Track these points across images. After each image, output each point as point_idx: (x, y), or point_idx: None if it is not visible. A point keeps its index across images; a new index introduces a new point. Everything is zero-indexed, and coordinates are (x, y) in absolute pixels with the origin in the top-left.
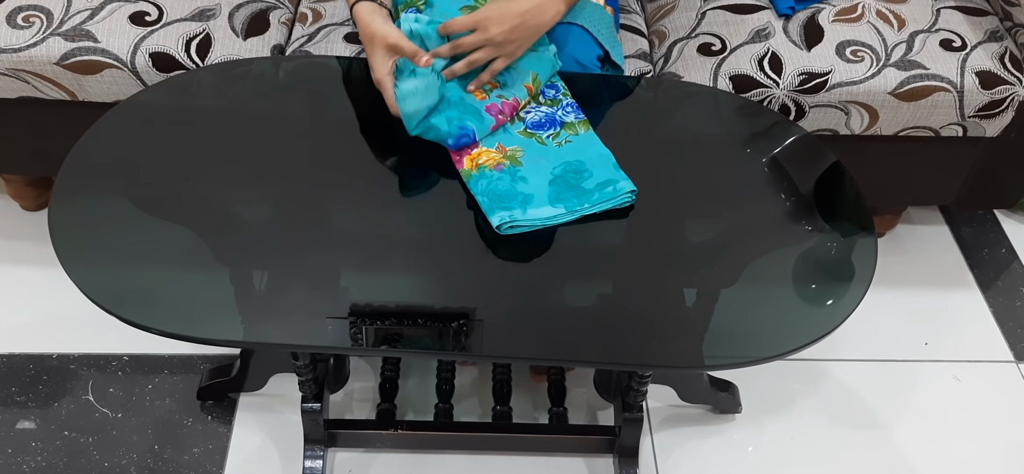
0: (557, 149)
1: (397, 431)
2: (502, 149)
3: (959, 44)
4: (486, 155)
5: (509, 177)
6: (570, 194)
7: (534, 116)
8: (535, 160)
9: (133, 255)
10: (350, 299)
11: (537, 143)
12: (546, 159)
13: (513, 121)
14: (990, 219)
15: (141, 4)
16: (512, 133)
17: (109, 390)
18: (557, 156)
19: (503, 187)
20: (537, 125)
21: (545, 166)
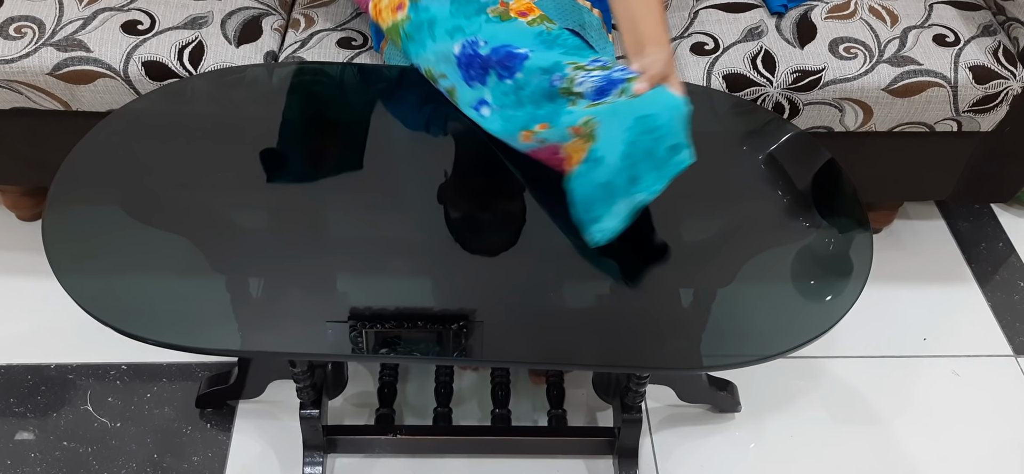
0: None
1: (396, 436)
2: (585, 127)
3: (952, 39)
4: (576, 150)
5: (588, 167)
6: (647, 166)
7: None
8: (614, 120)
9: (128, 264)
10: (347, 305)
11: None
12: (619, 114)
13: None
14: (987, 213)
15: (133, 13)
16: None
17: (108, 399)
18: (629, 112)
19: (584, 189)
20: (601, 91)
21: (622, 123)
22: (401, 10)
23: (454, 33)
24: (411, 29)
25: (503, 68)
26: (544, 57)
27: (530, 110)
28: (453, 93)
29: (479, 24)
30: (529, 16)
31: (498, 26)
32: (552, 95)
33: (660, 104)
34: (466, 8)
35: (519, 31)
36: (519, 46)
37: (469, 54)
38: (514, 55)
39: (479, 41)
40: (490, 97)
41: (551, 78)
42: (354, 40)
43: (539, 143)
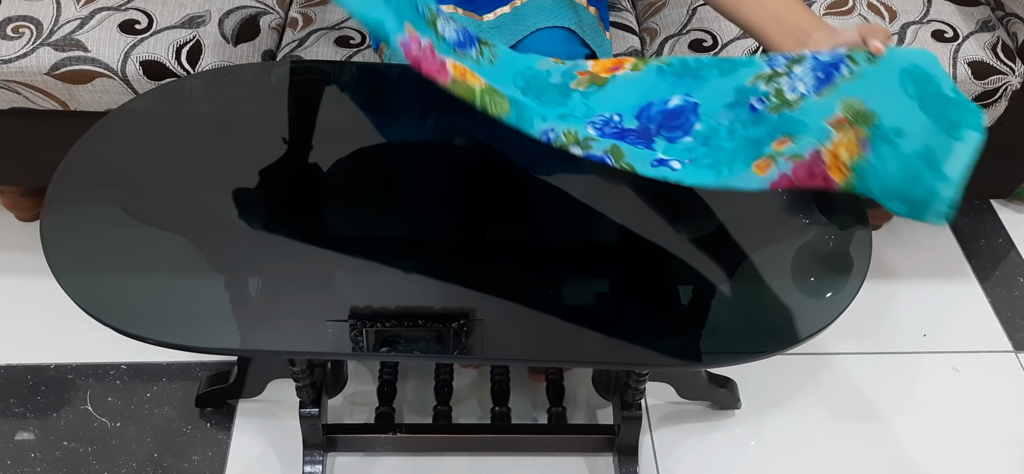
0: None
1: (396, 434)
2: (848, 113)
3: (951, 35)
4: (845, 146)
5: (886, 149)
6: (948, 109)
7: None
8: (878, 89)
9: (127, 264)
10: (346, 303)
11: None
12: (878, 81)
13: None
14: (986, 209)
15: (131, 12)
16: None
17: (107, 399)
18: (890, 70)
19: (897, 173)
20: (823, 82)
21: (889, 87)
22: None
23: (568, 119)
24: (515, 98)
25: (669, 131)
26: (718, 91)
27: (747, 139)
28: (617, 155)
29: (577, 103)
30: (624, 65)
31: (606, 95)
32: (761, 119)
33: (909, 55)
34: (551, 96)
35: (636, 84)
36: (663, 98)
37: (614, 132)
38: (672, 113)
39: (612, 117)
40: (670, 155)
41: (749, 104)
42: (352, 39)
43: (787, 164)
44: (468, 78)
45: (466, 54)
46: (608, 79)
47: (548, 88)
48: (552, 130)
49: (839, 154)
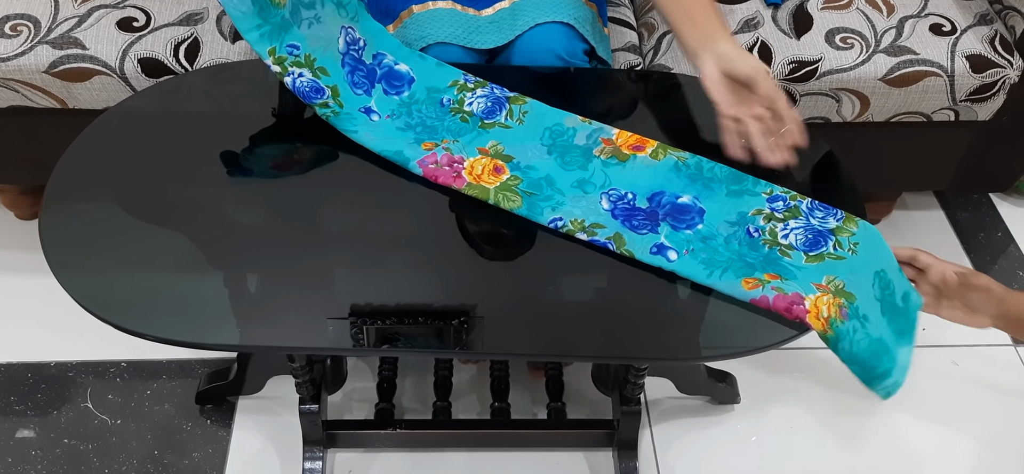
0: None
1: (396, 430)
2: (830, 285)
3: (949, 28)
4: (826, 304)
5: (857, 324)
6: (896, 316)
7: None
8: (856, 278)
9: (126, 261)
10: (345, 299)
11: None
12: (857, 272)
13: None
14: (985, 203)
15: (128, 10)
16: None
17: (108, 397)
18: (866, 269)
19: (864, 346)
20: (813, 244)
21: (865, 281)
22: (502, 173)
23: (585, 186)
24: (529, 187)
25: (675, 220)
26: (723, 207)
27: (741, 257)
28: (619, 242)
29: (597, 169)
30: (646, 147)
31: (625, 172)
32: (755, 245)
33: (881, 254)
34: (574, 158)
35: (653, 172)
36: (675, 192)
37: (626, 209)
38: (681, 208)
39: (626, 195)
40: (671, 243)
41: (746, 229)
42: None
43: (772, 292)
44: (483, 180)
45: (495, 121)
46: (629, 157)
47: (572, 149)
48: (560, 219)
49: (820, 308)
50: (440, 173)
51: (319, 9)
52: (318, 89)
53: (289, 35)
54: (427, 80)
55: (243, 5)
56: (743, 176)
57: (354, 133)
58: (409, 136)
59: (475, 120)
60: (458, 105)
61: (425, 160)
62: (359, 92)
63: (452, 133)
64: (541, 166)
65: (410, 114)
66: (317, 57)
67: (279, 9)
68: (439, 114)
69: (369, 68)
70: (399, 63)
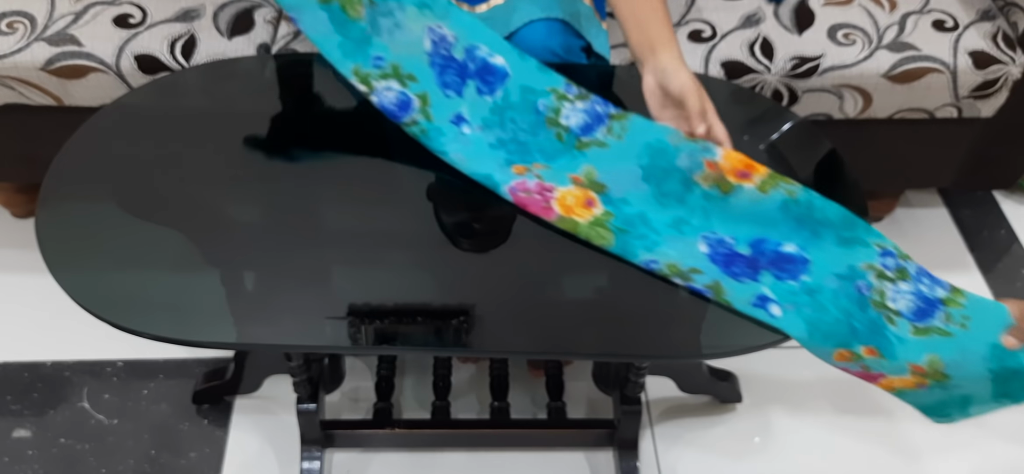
0: None
1: (394, 430)
2: (928, 367)
3: (951, 24)
4: (904, 382)
5: (938, 391)
6: (1012, 385)
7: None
8: (963, 358)
9: (123, 259)
10: (343, 297)
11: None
12: (966, 350)
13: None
14: (989, 200)
15: (124, 7)
16: None
17: (104, 396)
18: (977, 341)
19: (936, 398)
20: (922, 313)
21: (974, 358)
22: (594, 206)
23: (682, 226)
24: (622, 224)
25: (778, 270)
26: (832, 257)
27: (847, 320)
28: (718, 291)
29: (697, 204)
30: (753, 176)
31: (727, 208)
32: (864, 304)
33: (995, 320)
34: (672, 187)
35: (758, 212)
36: (779, 240)
37: (725, 254)
38: (785, 257)
39: (725, 239)
40: (775, 294)
41: (856, 285)
42: None
43: (860, 367)
44: (574, 213)
45: (593, 138)
46: (734, 188)
47: (672, 172)
48: (655, 261)
49: (895, 383)
50: (530, 202)
51: (399, 14)
52: (405, 103)
53: (372, 47)
54: (523, 78)
55: (321, 25)
56: (855, 220)
57: (443, 153)
58: (500, 156)
59: (571, 138)
60: (554, 116)
61: (515, 187)
62: (450, 94)
63: (545, 154)
64: (635, 200)
65: (502, 126)
66: (403, 63)
67: (358, 22)
68: (533, 126)
69: (460, 64)
70: (494, 55)
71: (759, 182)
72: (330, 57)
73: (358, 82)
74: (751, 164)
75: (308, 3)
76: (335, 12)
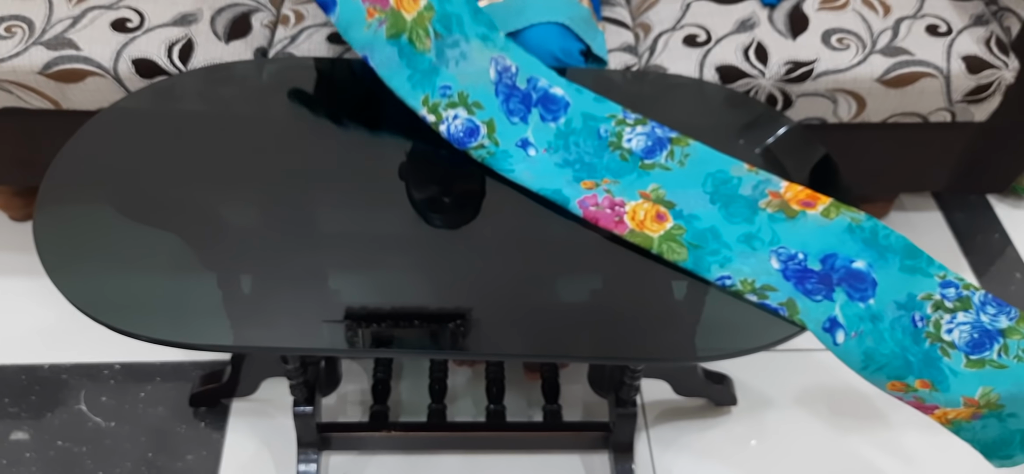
0: None
1: (390, 433)
2: (982, 399)
3: (945, 29)
4: (959, 413)
5: (993, 422)
6: None
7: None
8: (1018, 389)
9: (120, 262)
10: (339, 301)
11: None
12: (1021, 381)
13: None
14: (983, 204)
15: (122, 11)
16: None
17: (101, 399)
18: None
19: (994, 434)
20: (977, 346)
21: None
22: (665, 221)
23: (753, 241)
24: (694, 238)
25: (851, 287)
26: (895, 283)
27: (895, 352)
28: (792, 309)
29: (764, 225)
30: (817, 205)
31: (794, 229)
32: (918, 337)
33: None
34: (738, 209)
35: (825, 232)
36: (849, 255)
37: (797, 270)
38: (856, 274)
39: (797, 254)
40: (844, 319)
41: (912, 316)
42: None
43: (914, 398)
44: (646, 227)
45: (655, 161)
46: (798, 214)
47: (736, 199)
48: (729, 277)
49: (950, 415)
50: (601, 216)
51: (464, 45)
52: (473, 130)
53: (439, 76)
54: (583, 107)
55: (391, 61)
56: (919, 251)
57: (511, 172)
58: (568, 173)
59: (635, 159)
60: (616, 140)
61: (585, 201)
62: (515, 120)
63: (611, 172)
64: (705, 216)
65: (567, 148)
66: (470, 92)
67: (425, 55)
68: (597, 149)
69: (524, 93)
70: (553, 86)
71: (822, 209)
72: (400, 91)
73: (427, 112)
74: (814, 195)
75: (378, 40)
76: (404, 46)
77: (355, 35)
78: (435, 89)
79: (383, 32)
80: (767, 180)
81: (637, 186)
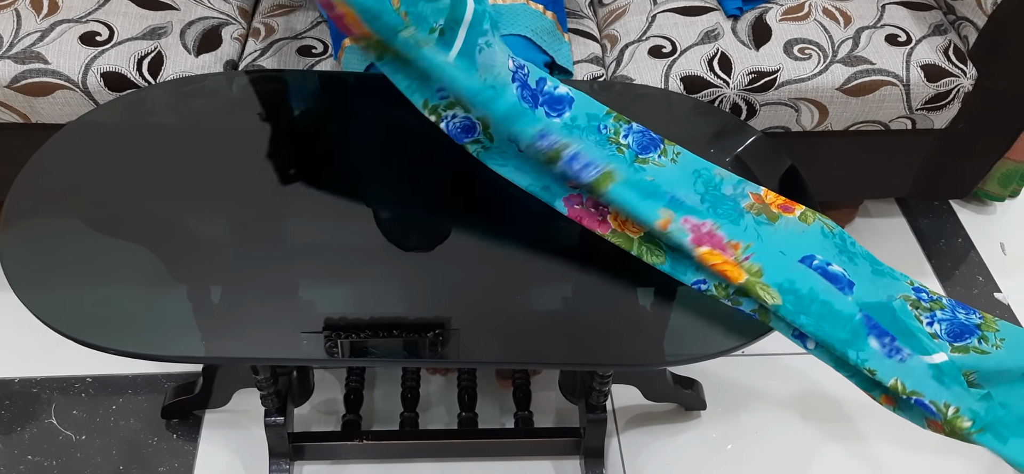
0: None
1: (363, 442)
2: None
3: (904, 38)
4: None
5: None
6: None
7: None
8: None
9: (89, 276)
10: (311, 311)
11: None
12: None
13: None
14: (946, 209)
15: (91, 24)
16: None
17: (73, 412)
18: (1013, 361)
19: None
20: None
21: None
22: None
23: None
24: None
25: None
26: (870, 285)
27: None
28: (764, 315)
29: (750, 226)
30: (794, 209)
31: (776, 233)
32: (910, 334)
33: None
34: (726, 211)
35: (804, 237)
36: (826, 259)
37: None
38: (832, 276)
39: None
40: None
41: (893, 307)
42: (314, 48)
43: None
44: (627, 228)
45: (649, 157)
46: (778, 217)
47: (723, 200)
48: (704, 282)
49: (957, 426)
50: (585, 215)
51: (494, 44)
52: (470, 127)
53: (433, 82)
54: (586, 107)
55: (395, 75)
56: (882, 266)
57: (503, 167)
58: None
59: (631, 154)
60: (615, 136)
61: (571, 199)
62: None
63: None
64: (686, 199)
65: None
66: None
67: (417, 63)
68: (598, 143)
69: (533, 90)
70: (558, 88)
71: (799, 214)
72: (409, 96)
73: (429, 114)
74: (790, 201)
75: (384, 61)
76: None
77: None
78: (433, 94)
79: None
80: (745, 182)
81: (615, 207)
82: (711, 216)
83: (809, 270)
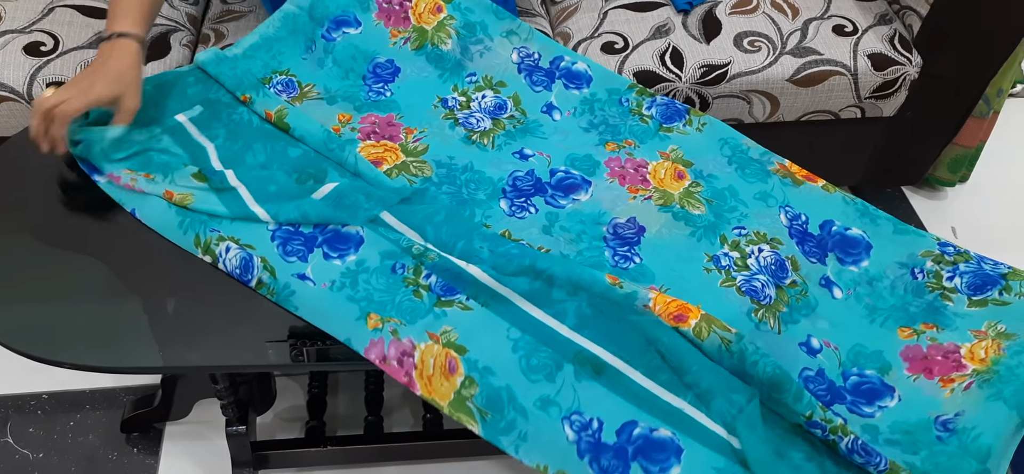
0: None
1: (327, 447)
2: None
3: (851, 29)
4: (985, 347)
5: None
6: None
7: None
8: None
9: (40, 290)
10: (266, 317)
11: None
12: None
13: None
14: (899, 196)
15: (36, 35)
16: None
17: (29, 430)
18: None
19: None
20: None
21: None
22: (684, 179)
23: (767, 198)
24: (712, 195)
25: (843, 253)
26: (892, 245)
27: (904, 304)
28: (794, 265)
29: (775, 185)
30: (818, 181)
31: (800, 194)
32: (920, 290)
33: None
34: (754, 170)
35: (828, 202)
36: (846, 223)
37: (800, 230)
38: (850, 241)
39: (802, 215)
40: (838, 280)
41: (912, 270)
42: None
43: (926, 342)
44: (665, 184)
45: (674, 126)
46: (802, 183)
47: (750, 163)
48: (743, 228)
49: (976, 352)
50: (625, 174)
51: (488, 43)
52: (501, 105)
53: (465, 69)
54: (606, 82)
55: (421, 70)
56: (907, 227)
57: (544, 140)
58: (593, 136)
59: (655, 123)
60: (637, 108)
61: (611, 162)
62: (539, 89)
63: (635, 135)
64: (723, 176)
65: (592, 112)
66: (494, 75)
67: (449, 53)
68: (620, 114)
69: (547, 70)
70: (576, 63)
71: (822, 185)
72: (429, 89)
73: (458, 96)
74: (813, 175)
75: (403, 55)
76: (430, 52)
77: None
78: (462, 80)
79: (408, 48)
80: (770, 153)
81: (657, 147)
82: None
83: None
